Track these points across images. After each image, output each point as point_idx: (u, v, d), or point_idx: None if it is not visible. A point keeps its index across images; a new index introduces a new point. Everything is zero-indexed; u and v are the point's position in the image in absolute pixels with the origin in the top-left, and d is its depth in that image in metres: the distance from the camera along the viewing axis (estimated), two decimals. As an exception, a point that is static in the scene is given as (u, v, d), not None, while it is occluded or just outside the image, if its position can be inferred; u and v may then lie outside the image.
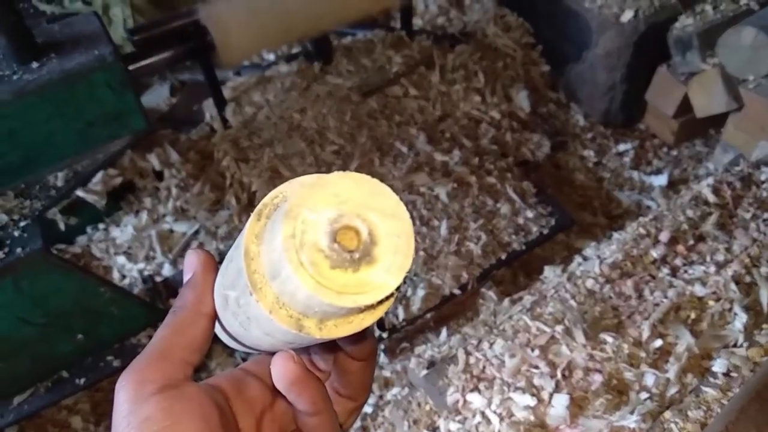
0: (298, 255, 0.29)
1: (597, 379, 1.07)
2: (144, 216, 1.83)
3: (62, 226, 1.78)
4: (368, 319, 0.34)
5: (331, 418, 0.42)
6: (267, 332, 0.35)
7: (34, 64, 1.11)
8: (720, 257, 1.26)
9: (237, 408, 0.43)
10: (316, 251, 0.29)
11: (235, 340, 0.44)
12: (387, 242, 0.31)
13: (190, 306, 0.41)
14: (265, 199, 0.33)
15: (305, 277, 0.29)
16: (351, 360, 0.44)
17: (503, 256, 1.63)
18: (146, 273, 1.75)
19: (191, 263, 0.43)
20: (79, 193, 1.74)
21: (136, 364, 0.38)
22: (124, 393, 0.37)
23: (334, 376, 0.46)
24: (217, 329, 0.43)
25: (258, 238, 0.32)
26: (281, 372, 0.39)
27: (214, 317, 0.42)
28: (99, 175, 1.77)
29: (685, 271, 1.25)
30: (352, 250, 0.30)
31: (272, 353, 0.46)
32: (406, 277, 0.31)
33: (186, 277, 0.43)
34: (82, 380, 1.52)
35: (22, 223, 1.30)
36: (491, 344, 1.18)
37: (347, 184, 0.31)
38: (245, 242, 0.32)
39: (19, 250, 1.25)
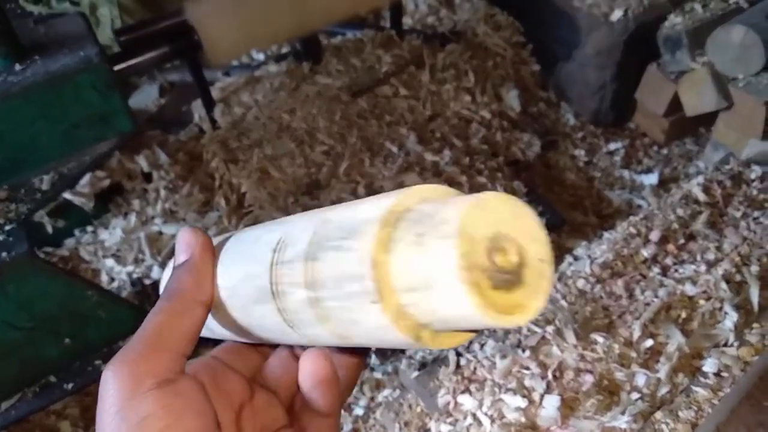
0: (469, 274, 0.29)
1: (588, 379, 1.07)
2: (132, 218, 1.82)
3: (50, 229, 1.76)
4: (473, 333, 0.34)
5: (339, 421, 0.40)
6: (343, 336, 0.35)
7: (18, 66, 1.09)
8: (710, 256, 1.26)
9: (215, 401, 0.39)
10: (481, 271, 0.29)
11: (235, 332, 0.42)
12: (534, 265, 0.31)
13: (188, 292, 0.39)
14: (390, 207, 0.32)
15: (474, 297, 0.29)
16: (348, 356, 0.43)
17: (494, 256, 1.62)
18: (135, 276, 1.74)
19: (188, 243, 0.40)
20: (67, 195, 1.73)
21: (128, 354, 0.35)
22: (116, 384, 0.34)
23: None
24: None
25: (384, 246, 0.31)
26: (312, 369, 0.38)
27: (211, 306, 0.40)
28: (87, 177, 1.76)
29: (676, 270, 1.24)
30: (509, 271, 0.30)
31: (260, 345, 0.44)
32: None
33: (180, 258, 0.41)
34: (71, 385, 1.50)
35: (7, 227, 1.28)
36: (482, 345, 1.18)
37: (501, 205, 0.31)
38: (373, 251, 0.31)
39: (4, 254, 1.23)
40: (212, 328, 0.45)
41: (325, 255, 0.34)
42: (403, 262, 0.31)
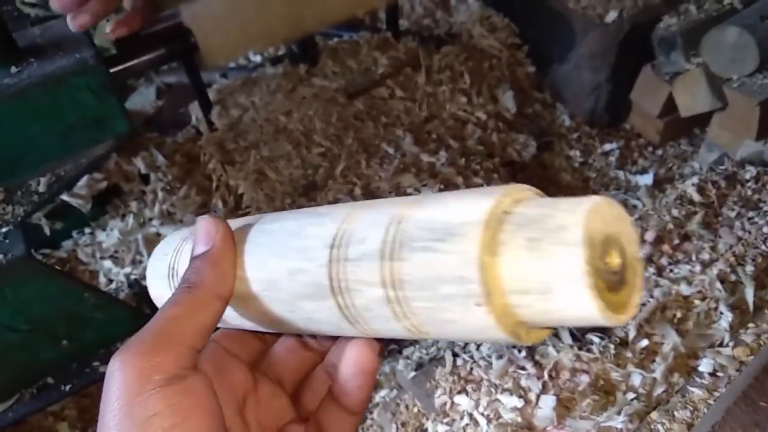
0: (593, 279, 0.30)
1: (584, 379, 1.07)
2: (130, 220, 1.82)
3: (47, 231, 1.76)
4: (551, 329, 0.36)
5: (360, 421, 0.40)
6: (422, 331, 0.35)
7: (13, 69, 1.09)
8: (705, 256, 1.26)
9: (219, 392, 0.37)
10: (598, 273, 0.30)
11: (265, 323, 0.42)
12: (632, 265, 0.33)
13: (209, 285, 0.37)
14: (490, 210, 0.33)
15: (598, 301, 0.30)
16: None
17: (491, 257, 1.62)
18: (133, 277, 1.73)
19: (208, 233, 0.39)
20: (64, 197, 1.73)
21: (139, 345, 0.34)
22: (122, 377, 0.33)
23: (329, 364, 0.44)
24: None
25: (491, 249, 0.32)
26: (358, 357, 0.37)
27: (229, 299, 0.39)
28: (84, 179, 1.75)
29: (671, 271, 1.25)
30: (616, 272, 0.31)
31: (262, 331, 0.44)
32: None
33: (199, 248, 0.39)
34: (68, 386, 1.50)
35: (4, 229, 1.28)
36: (478, 345, 1.18)
37: (609, 210, 0.32)
38: (480, 253, 0.32)
39: (1, 256, 1.23)
40: (227, 320, 0.44)
41: (410, 255, 0.34)
42: (515, 265, 0.31)
